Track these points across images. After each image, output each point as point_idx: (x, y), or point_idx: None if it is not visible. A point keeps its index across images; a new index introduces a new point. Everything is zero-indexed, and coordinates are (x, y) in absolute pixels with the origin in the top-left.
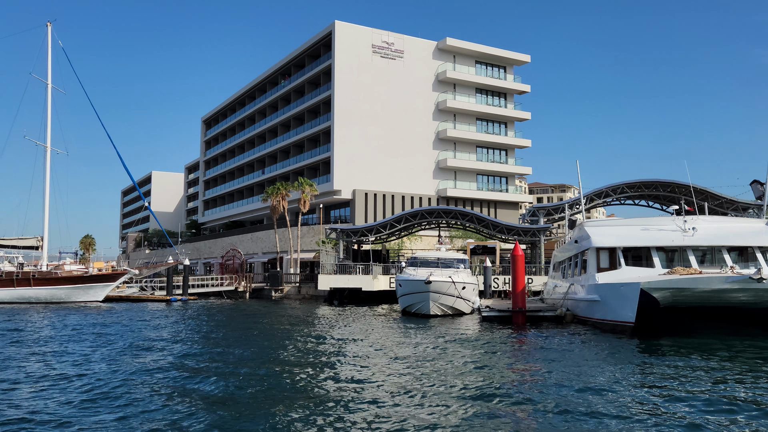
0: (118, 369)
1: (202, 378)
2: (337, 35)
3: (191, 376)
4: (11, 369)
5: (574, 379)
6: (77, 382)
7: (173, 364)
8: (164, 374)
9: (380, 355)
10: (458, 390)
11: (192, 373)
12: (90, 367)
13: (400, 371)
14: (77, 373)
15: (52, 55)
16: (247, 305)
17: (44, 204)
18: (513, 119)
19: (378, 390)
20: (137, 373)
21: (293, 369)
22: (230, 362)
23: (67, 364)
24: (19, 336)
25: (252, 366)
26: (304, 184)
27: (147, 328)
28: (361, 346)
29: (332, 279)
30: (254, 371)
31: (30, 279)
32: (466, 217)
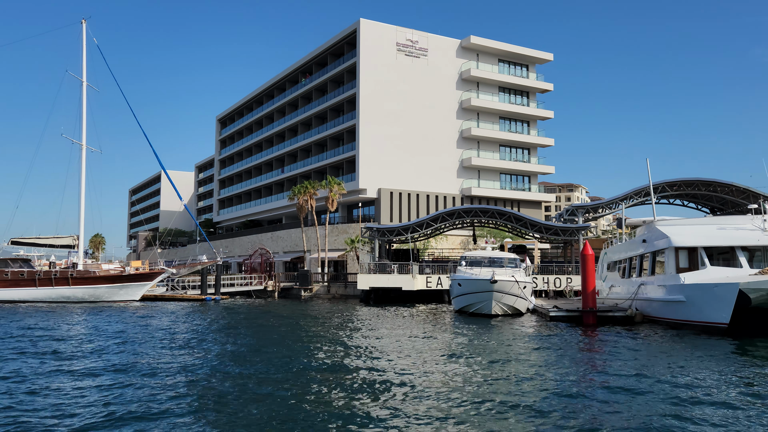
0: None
1: (315, 390)
2: (362, 33)
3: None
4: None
5: (690, 384)
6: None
7: (270, 373)
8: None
9: (476, 362)
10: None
11: (284, 384)
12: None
13: (509, 378)
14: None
15: (85, 53)
16: (282, 305)
17: (80, 202)
18: (536, 118)
19: (504, 401)
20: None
21: (392, 379)
22: (322, 370)
23: (180, 375)
24: (121, 337)
25: (351, 376)
26: (332, 182)
27: (213, 333)
28: (444, 352)
29: (371, 278)
30: (358, 381)
31: (68, 278)
32: (504, 216)
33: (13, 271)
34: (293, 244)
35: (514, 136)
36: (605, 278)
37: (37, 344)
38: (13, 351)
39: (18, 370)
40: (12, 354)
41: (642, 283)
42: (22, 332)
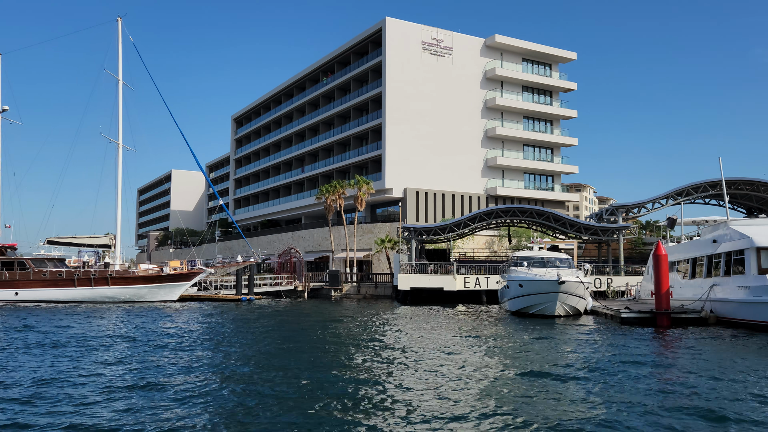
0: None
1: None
2: (387, 32)
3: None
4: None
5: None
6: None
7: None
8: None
9: (576, 371)
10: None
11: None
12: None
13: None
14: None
15: (121, 51)
16: (316, 306)
17: (116, 202)
18: (559, 117)
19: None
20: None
21: (485, 395)
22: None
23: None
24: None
25: (450, 383)
26: (361, 182)
27: (272, 335)
28: (546, 360)
29: (412, 278)
30: (456, 389)
31: (108, 278)
32: (543, 215)
33: (51, 271)
34: (316, 244)
35: (537, 136)
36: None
37: (152, 339)
38: (153, 351)
39: (155, 362)
40: (155, 354)
41: (714, 284)
42: (125, 332)
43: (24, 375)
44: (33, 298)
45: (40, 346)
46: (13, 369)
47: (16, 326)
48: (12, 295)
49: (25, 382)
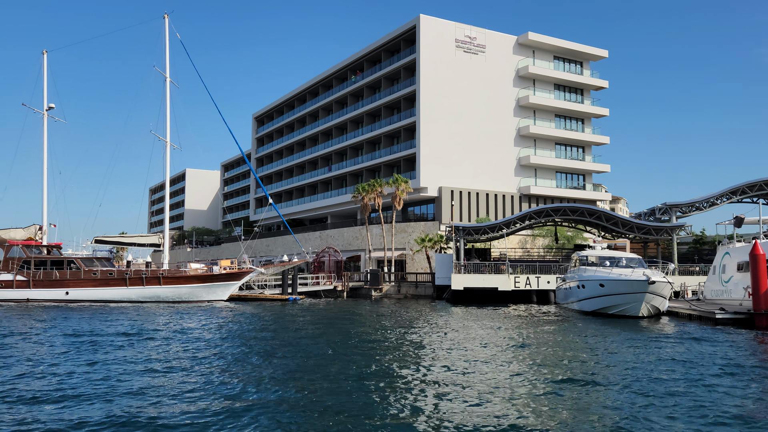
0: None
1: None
2: (422, 29)
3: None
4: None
5: None
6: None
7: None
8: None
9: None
10: None
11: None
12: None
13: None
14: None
15: (168, 48)
16: (361, 305)
17: (165, 201)
18: (590, 115)
19: None
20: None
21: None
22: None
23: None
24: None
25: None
26: (399, 180)
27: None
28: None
29: (466, 278)
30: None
31: (159, 278)
32: (594, 214)
33: (102, 270)
34: (346, 243)
35: (569, 134)
36: (729, 279)
37: (252, 343)
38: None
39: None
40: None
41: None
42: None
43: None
44: (84, 297)
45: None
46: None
47: (128, 332)
48: (63, 294)
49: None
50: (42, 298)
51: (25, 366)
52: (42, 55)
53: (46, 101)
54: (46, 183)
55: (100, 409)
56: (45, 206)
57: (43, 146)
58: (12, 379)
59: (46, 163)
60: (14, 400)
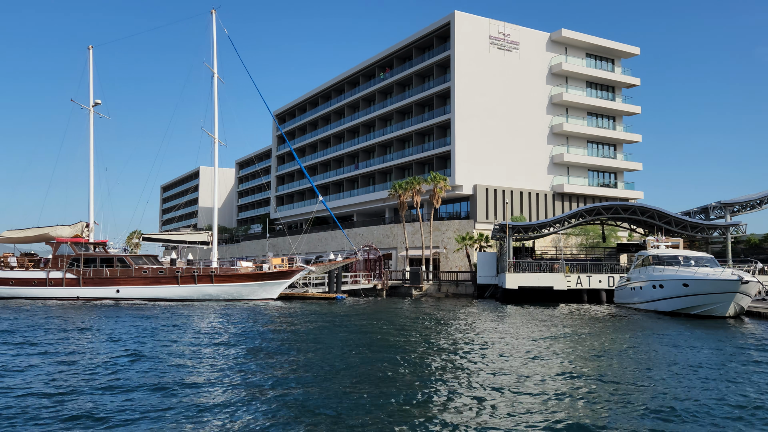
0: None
1: None
2: (456, 26)
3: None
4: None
5: None
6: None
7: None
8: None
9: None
10: None
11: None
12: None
13: None
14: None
15: (216, 43)
16: (405, 304)
17: (213, 198)
18: (622, 113)
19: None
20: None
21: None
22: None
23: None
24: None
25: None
26: (438, 178)
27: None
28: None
29: (521, 277)
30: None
31: (211, 276)
32: (646, 213)
33: (152, 268)
34: (375, 242)
35: (601, 132)
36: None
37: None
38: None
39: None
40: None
41: None
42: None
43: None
44: (135, 296)
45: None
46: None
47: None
48: (113, 292)
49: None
50: (92, 296)
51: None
52: (88, 50)
53: (92, 97)
54: (92, 180)
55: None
56: (92, 203)
57: (89, 143)
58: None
59: (92, 159)
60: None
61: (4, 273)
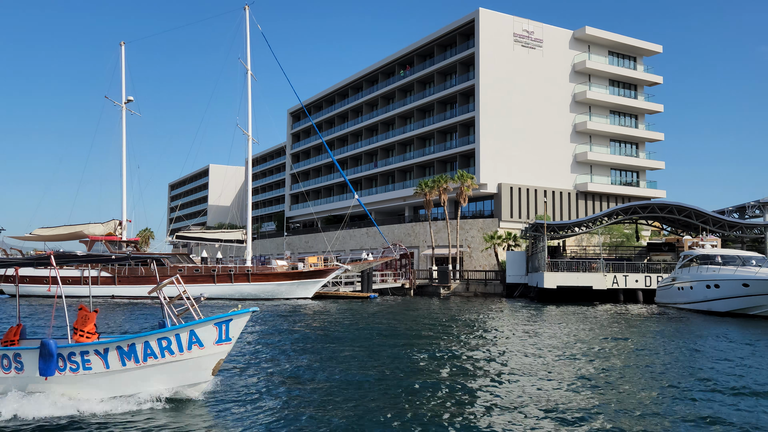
0: None
1: None
2: (481, 23)
3: None
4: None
5: None
6: None
7: None
8: None
9: None
10: None
11: None
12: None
13: None
14: None
15: (249, 40)
16: (441, 303)
17: (247, 196)
18: (644, 111)
19: None
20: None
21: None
22: None
23: None
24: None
25: None
26: (465, 176)
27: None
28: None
29: (559, 276)
30: None
31: (247, 275)
32: (684, 212)
33: (188, 267)
34: (396, 240)
35: (624, 130)
36: None
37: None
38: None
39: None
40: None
41: None
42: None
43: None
44: (171, 294)
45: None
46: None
47: None
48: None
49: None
50: (128, 294)
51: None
52: (120, 47)
53: (125, 94)
54: (125, 177)
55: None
56: (124, 201)
57: (122, 140)
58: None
59: (125, 157)
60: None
61: (39, 271)
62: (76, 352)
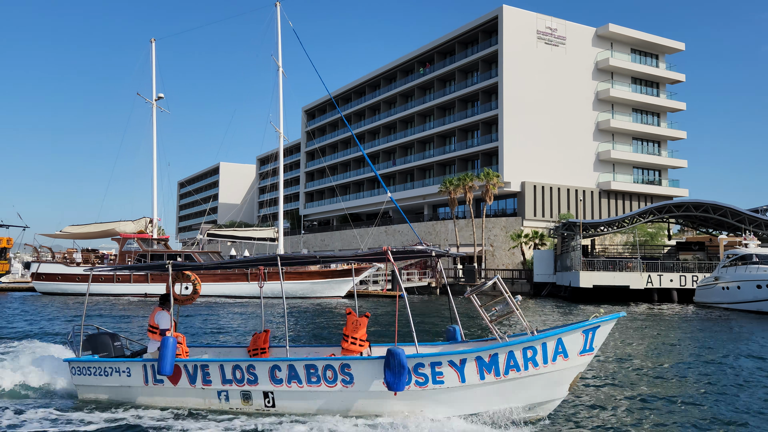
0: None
1: None
2: (505, 20)
3: None
4: None
5: None
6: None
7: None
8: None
9: None
10: None
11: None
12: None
13: None
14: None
15: (281, 37)
16: (469, 303)
17: (279, 195)
18: (666, 109)
19: None
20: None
21: None
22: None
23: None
24: None
25: None
26: (491, 175)
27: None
28: None
29: (596, 276)
30: None
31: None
32: (719, 211)
33: None
34: (415, 239)
35: (647, 128)
36: None
37: None
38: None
39: None
40: None
41: None
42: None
43: None
44: (204, 292)
45: None
46: None
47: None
48: (182, 289)
49: None
50: (161, 292)
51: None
52: (150, 43)
53: (155, 91)
54: (155, 175)
55: None
56: (155, 198)
57: (152, 137)
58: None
59: (155, 154)
60: None
61: (71, 269)
62: (425, 364)
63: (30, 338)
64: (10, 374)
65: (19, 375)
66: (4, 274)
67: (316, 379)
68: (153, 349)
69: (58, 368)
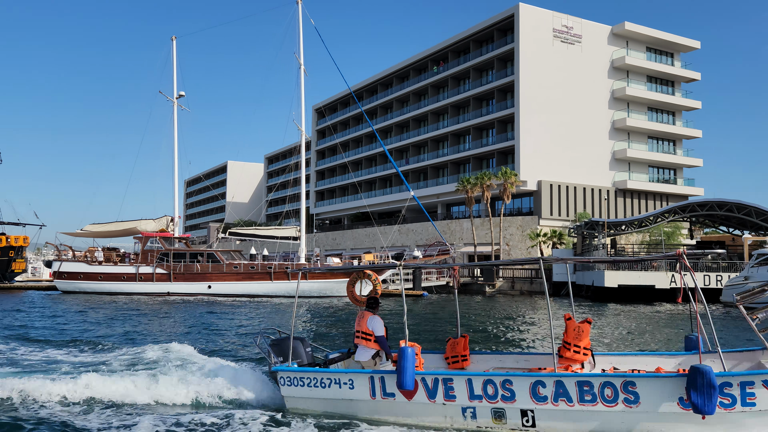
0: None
1: None
2: (521, 18)
3: None
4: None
5: None
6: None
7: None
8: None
9: None
10: None
11: None
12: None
13: None
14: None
15: (302, 35)
16: (492, 301)
17: (301, 193)
18: (681, 108)
19: None
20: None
21: None
22: None
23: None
24: None
25: None
26: (509, 173)
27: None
28: None
29: (621, 275)
30: None
31: (303, 273)
32: (743, 210)
33: (244, 264)
34: (431, 238)
35: (663, 127)
36: None
37: None
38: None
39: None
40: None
41: None
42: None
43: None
44: (227, 291)
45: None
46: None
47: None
48: (205, 288)
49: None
50: (184, 291)
51: None
52: (171, 41)
53: (176, 89)
54: (177, 173)
55: None
56: (176, 197)
57: (173, 135)
58: None
59: (176, 152)
60: None
61: (93, 268)
62: (733, 383)
63: (152, 342)
64: (204, 386)
65: (211, 386)
66: (21, 272)
67: (590, 398)
68: (365, 357)
69: (257, 378)
